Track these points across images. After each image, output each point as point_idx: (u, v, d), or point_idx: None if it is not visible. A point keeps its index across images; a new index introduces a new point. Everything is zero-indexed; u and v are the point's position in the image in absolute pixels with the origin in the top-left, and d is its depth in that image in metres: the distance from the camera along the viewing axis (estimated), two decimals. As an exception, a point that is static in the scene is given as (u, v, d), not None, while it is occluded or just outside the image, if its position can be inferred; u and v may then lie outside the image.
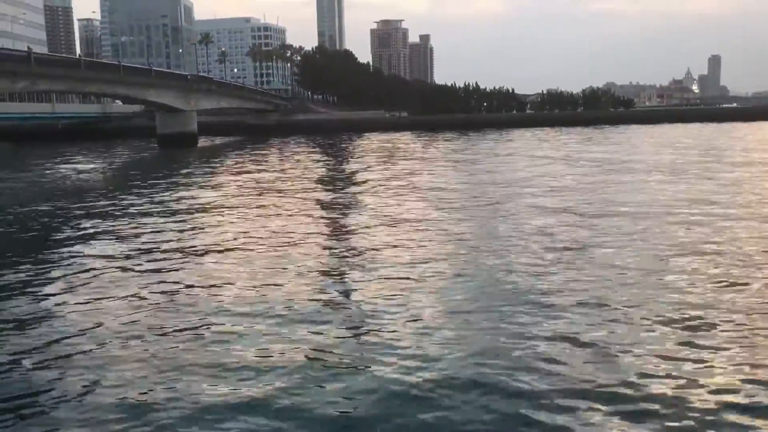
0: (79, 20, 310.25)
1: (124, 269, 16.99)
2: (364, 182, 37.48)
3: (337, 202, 30.21)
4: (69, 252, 19.62)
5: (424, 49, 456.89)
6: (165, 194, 33.62)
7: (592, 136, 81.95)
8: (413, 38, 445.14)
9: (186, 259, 18.07)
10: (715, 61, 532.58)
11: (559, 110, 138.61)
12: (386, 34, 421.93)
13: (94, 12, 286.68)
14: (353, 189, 35.12)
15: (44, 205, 30.90)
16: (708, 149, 55.15)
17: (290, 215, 25.69)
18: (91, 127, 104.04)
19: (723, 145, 60.49)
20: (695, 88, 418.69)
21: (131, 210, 28.18)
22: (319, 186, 36.90)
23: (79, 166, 54.91)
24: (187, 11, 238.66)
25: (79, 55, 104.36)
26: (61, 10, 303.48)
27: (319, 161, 55.32)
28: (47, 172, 50.34)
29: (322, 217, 25.78)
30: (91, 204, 30.79)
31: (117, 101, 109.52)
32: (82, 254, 19.11)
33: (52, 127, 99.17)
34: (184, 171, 48.23)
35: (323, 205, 28.84)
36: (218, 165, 54.05)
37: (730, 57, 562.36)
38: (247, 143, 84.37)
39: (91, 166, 56.17)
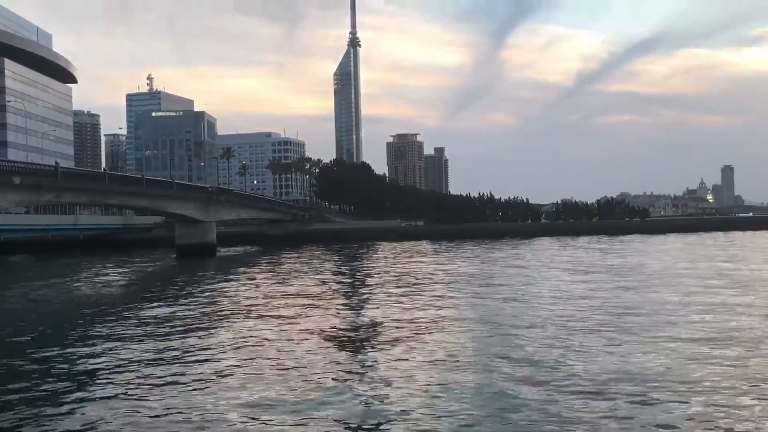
0: (105, 135, 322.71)
1: (144, 376, 16.77)
2: (378, 290, 37.29)
3: (351, 310, 29.97)
4: (85, 361, 19.44)
5: (439, 161, 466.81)
6: (180, 304, 33.61)
7: (623, 245, 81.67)
8: (428, 150, 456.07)
9: (200, 370, 17.83)
10: (728, 171, 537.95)
11: (575, 220, 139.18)
12: (402, 147, 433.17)
13: (120, 128, 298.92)
14: (366, 297, 34.91)
15: (61, 315, 30.91)
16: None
17: (305, 322, 25.47)
18: (112, 238, 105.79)
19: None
20: (710, 197, 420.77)
21: (148, 319, 28.11)
22: (333, 294, 36.74)
23: (98, 278, 55.33)
24: (210, 127, 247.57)
25: (104, 169, 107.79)
26: (90, 126, 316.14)
27: (334, 270, 55.37)
28: (66, 284, 50.71)
29: (334, 327, 25.52)
30: (108, 314, 30.78)
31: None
32: (97, 362, 18.91)
33: (74, 238, 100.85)
34: (200, 281, 48.39)
35: (337, 314, 28.62)
36: (234, 275, 54.22)
37: (743, 167, 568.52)
38: (265, 253, 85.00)
39: (110, 277, 56.59)
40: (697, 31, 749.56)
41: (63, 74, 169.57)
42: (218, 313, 30.42)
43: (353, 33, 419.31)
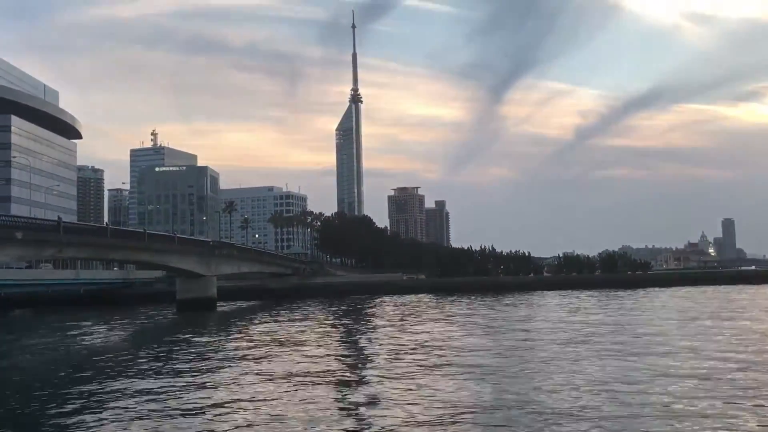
0: (109, 190, 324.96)
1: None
2: (379, 345, 36.97)
3: (349, 365, 29.64)
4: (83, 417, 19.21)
5: (440, 214, 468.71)
6: (175, 360, 33.32)
7: (634, 299, 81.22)
8: (429, 204, 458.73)
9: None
10: (728, 224, 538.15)
11: (577, 273, 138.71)
12: (403, 200, 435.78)
13: (124, 183, 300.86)
14: (366, 352, 34.59)
15: (59, 371, 30.64)
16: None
17: (302, 377, 25.20)
18: (113, 293, 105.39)
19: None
20: (712, 250, 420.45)
21: (147, 372, 27.84)
22: (332, 349, 36.42)
23: (96, 334, 54.96)
24: (213, 181, 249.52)
25: (106, 223, 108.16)
26: (93, 181, 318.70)
27: (334, 325, 54.99)
28: (62, 339, 50.35)
29: (332, 382, 25.22)
30: (107, 369, 30.50)
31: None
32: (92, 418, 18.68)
33: (75, 293, 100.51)
34: (198, 336, 48.03)
35: (335, 369, 28.28)
36: (233, 331, 53.85)
37: (744, 220, 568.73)
38: (266, 307, 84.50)
39: (108, 333, 56.23)
40: (693, 88, 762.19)
41: (68, 130, 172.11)
42: (212, 369, 30.11)
43: (355, 90, 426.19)
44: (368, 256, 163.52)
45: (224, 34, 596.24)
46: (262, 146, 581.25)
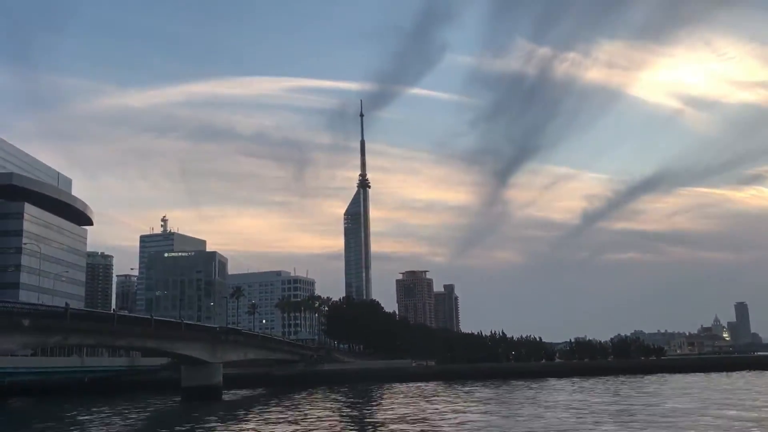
0: (117, 276, 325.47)
1: None
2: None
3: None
4: None
5: (449, 298, 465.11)
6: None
7: (652, 387, 79.19)
8: (438, 288, 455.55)
9: None
10: (742, 308, 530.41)
11: (589, 359, 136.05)
12: (411, 284, 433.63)
13: (132, 269, 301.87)
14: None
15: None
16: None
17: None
18: (117, 381, 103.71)
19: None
20: (726, 335, 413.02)
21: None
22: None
23: (96, 425, 53.66)
24: (222, 266, 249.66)
25: (113, 310, 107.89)
26: (102, 267, 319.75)
27: (342, 416, 53.56)
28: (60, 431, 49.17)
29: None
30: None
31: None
32: None
33: (79, 380, 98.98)
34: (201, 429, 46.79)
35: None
36: (236, 424, 52.50)
37: (757, 304, 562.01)
38: (272, 396, 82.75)
39: (109, 424, 54.88)
40: (697, 172, 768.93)
41: (80, 217, 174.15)
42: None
43: (363, 175, 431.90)
44: (377, 342, 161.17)
45: (233, 122, 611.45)
46: (271, 231, 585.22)
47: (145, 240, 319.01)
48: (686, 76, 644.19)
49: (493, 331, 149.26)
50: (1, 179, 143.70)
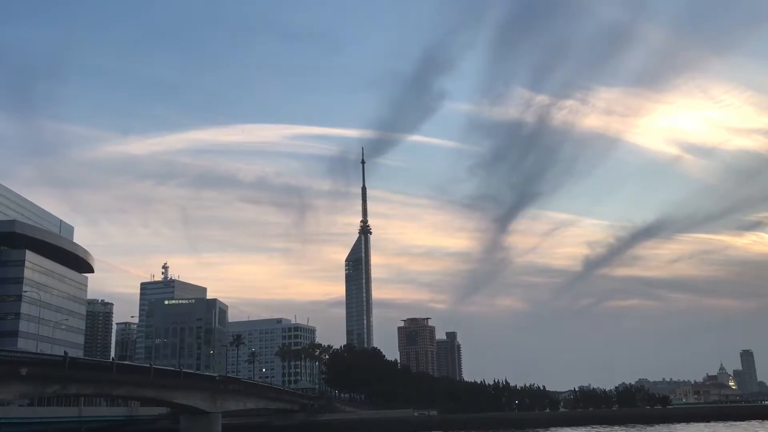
0: (117, 324, 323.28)
1: None
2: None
3: None
4: None
5: (451, 346, 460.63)
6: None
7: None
8: (440, 335, 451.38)
9: None
10: (747, 356, 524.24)
11: (594, 408, 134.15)
12: (413, 332, 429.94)
13: (133, 317, 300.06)
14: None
15: None
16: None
17: None
18: (115, 431, 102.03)
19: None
20: (732, 383, 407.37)
21: None
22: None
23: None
24: (222, 314, 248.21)
25: (112, 358, 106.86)
26: (102, 315, 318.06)
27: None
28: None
29: None
30: None
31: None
32: None
33: (77, 431, 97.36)
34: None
35: None
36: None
37: (763, 351, 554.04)
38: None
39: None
40: (697, 218, 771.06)
41: (80, 264, 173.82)
42: None
43: (364, 221, 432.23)
44: (378, 391, 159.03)
45: (234, 169, 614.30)
46: (272, 277, 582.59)
47: (145, 287, 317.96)
48: (684, 122, 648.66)
49: (496, 380, 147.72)
50: (3, 227, 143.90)
